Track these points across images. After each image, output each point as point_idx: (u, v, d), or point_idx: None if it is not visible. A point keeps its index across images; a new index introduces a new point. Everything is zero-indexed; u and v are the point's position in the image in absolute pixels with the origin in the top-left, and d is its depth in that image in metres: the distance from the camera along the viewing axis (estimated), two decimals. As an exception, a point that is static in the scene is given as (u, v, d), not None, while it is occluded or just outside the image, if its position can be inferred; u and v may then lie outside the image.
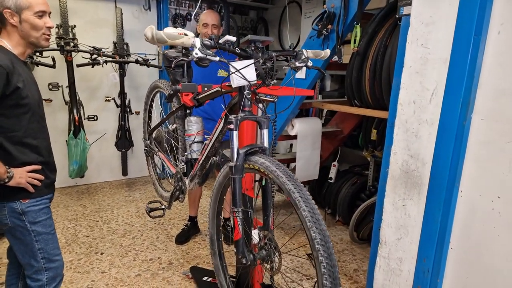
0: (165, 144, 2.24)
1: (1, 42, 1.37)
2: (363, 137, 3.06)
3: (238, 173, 1.32)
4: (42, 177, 1.44)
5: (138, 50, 3.87)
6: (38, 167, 1.43)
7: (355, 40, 2.16)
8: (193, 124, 1.86)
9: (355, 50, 2.21)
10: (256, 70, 1.31)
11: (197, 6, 3.95)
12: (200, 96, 1.78)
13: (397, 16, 1.59)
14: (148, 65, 3.59)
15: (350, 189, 3.07)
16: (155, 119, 2.53)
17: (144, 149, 2.53)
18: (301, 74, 2.51)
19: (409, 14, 1.45)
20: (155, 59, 4.01)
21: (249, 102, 1.36)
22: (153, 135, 2.43)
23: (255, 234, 1.37)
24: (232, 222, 1.40)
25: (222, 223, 1.79)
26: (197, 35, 2.79)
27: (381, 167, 1.68)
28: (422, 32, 1.38)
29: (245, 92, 1.34)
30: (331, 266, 1.06)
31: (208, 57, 1.22)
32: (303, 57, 1.45)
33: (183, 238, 2.81)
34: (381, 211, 1.60)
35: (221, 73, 2.59)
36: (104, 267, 2.42)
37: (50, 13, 1.42)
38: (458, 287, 1.38)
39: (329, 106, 2.73)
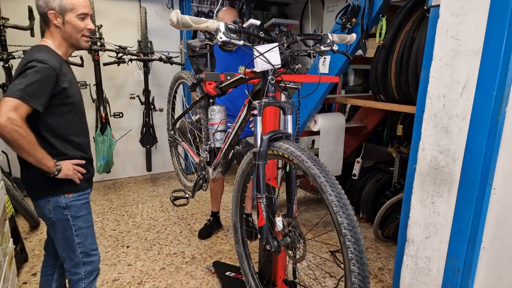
0: (189, 135, 2.27)
1: (45, 42, 1.42)
2: (388, 132, 2.99)
3: (262, 159, 1.30)
4: (84, 171, 1.50)
5: (162, 48, 3.94)
6: (82, 161, 1.48)
7: (380, 33, 2.11)
8: (216, 113, 1.88)
9: (381, 44, 2.16)
10: (280, 53, 1.29)
11: (219, 3, 3.97)
12: (223, 85, 1.79)
13: (425, 8, 1.53)
14: (172, 63, 3.65)
15: (374, 186, 3.00)
16: (179, 110, 2.57)
17: (168, 140, 2.57)
18: (324, 69, 2.48)
19: (438, 5, 1.39)
20: (178, 56, 4.06)
21: (273, 88, 1.34)
22: (177, 126, 2.47)
23: (279, 221, 1.36)
24: (256, 210, 1.39)
25: (244, 218, 1.80)
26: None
27: (408, 163, 1.64)
28: (452, 23, 1.32)
29: (269, 78, 1.32)
30: (359, 251, 1.04)
31: (233, 41, 1.21)
32: (329, 41, 1.41)
33: (205, 233, 2.85)
34: (408, 209, 1.56)
35: (242, 69, 2.62)
36: (130, 260, 2.49)
37: (91, 15, 1.47)
38: (491, 288, 1.33)
39: (353, 101, 2.68)
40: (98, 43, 3.34)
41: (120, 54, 3.38)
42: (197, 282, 2.26)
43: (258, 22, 1.28)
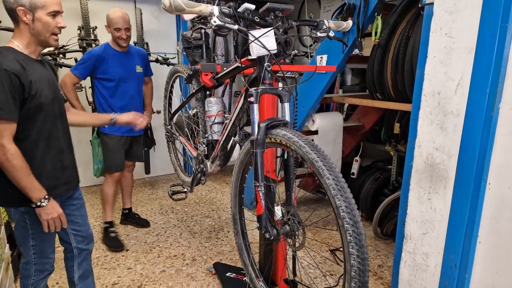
0: (186, 129, 2.27)
1: (11, 44, 1.38)
2: (385, 131, 3.00)
3: (260, 147, 1.28)
4: (66, 225, 1.47)
5: (158, 49, 3.95)
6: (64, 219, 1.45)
7: (376, 32, 2.13)
8: (213, 105, 1.87)
9: (377, 42, 2.17)
10: (276, 39, 1.26)
11: (215, 3, 3.98)
12: (219, 75, 1.77)
13: (419, 6, 1.55)
14: (168, 64, 3.65)
15: (373, 185, 3.02)
16: (176, 105, 2.55)
17: (166, 135, 2.57)
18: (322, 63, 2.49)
19: (432, 3, 1.40)
20: (174, 57, 4.07)
21: (269, 75, 1.31)
22: (174, 120, 2.46)
23: (277, 210, 1.35)
24: (254, 196, 1.38)
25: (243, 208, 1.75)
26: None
27: (405, 160, 1.65)
28: (446, 20, 1.34)
29: (265, 64, 1.28)
30: (358, 234, 1.03)
31: (227, 25, 1.19)
32: (325, 27, 1.38)
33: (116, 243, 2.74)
34: (405, 206, 1.57)
35: (139, 69, 2.71)
36: (129, 264, 2.49)
37: (62, 13, 1.42)
38: (487, 282, 1.34)
39: (350, 100, 2.70)
40: (93, 45, 3.34)
41: (115, 56, 3.38)
42: (198, 284, 2.26)
43: (253, 7, 1.25)
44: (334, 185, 1.06)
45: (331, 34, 1.41)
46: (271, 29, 1.25)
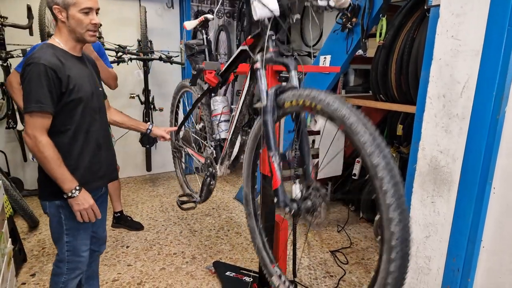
0: (193, 144, 2.25)
1: (52, 40, 1.43)
2: (388, 132, 2.99)
3: (270, 114, 1.18)
4: (99, 215, 1.50)
5: (162, 47, 3.95)
6: (97, 209, 1.48)
7: (380, 33, 2.11)
8: (219, 103, 1.86)
9: (381, 43, 2.16)
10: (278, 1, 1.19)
11: (219, 3, 3.97)
12: (224, 69, 1.75)
13: (425, 7, 1.53)
14: (172, 62, 3.65)
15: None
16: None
17: (172, 151, 2.53)
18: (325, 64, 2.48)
19: (438, 5, 1.39)
20: (178, 56, 4.06)
21: (274, 43, 1.24)
22: (181, 135, 2.44)
23: (295, 188, 1.21)
24: (269, 167, 1.19)
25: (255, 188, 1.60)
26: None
27: (408, 163, 1.64)
28: (452, 23, 1.33)
29: (268, 32, 1.22)
30: (399, 195, 0.87)
31: None
32: None
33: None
34: (408, 209, 1.56)
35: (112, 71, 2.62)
36: (129, 260, 2.49)
37: (98, 9, 1.45)
38: (490, 287, 1.33)
39: (353, 101, 2.68)
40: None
41: (119, 54, 3.38)
42: (197, 282, 2.26)
43: None
44: (369, 142, 0.90)
45: (332, 3, 1.28)
46: None
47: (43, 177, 1.41)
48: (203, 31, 1.98)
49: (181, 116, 2.53)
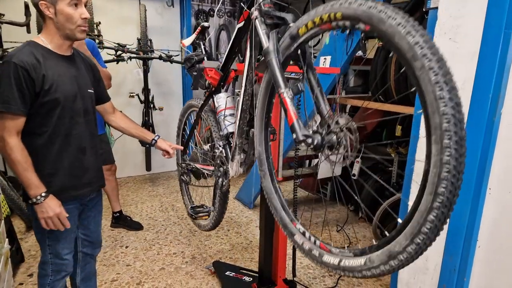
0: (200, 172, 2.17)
1: (37, 38, 1.36)
2: (387, 133, 3.01)
3: (274, 54, 1.10)
4: (68, 225, 1.41)
5: (162, 46, 3.96)
6: (66, 216, 1.40)
7: (379, 35, 2.13)
8: (222, 98, 1.83)
9: (380, 45, 2.17)
10: None
11: (220, 1, 3.98)
12: (223, 62, 1.74)
13: (424, 10, 1.55)
14: (172, 61, 3.66)
15: (374, 186, 3.03)
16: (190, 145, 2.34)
17: (180, 178, 2.38)
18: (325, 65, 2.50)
19: (436, 8, 1.41)
20: (178, 55, 4.07)
21: None
22: (188, 158, 2.32)
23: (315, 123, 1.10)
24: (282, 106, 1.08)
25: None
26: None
27: (407, 163, 1.66)
28: (450, 25, 1.35)
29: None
30: (460, 137, 0.68)
31: None
32: None
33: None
34: (406, 208, 1.58)
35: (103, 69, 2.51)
36: (128, 260, 2.50)
37: (86, 2, 1.37)
38: (485, 286, 1.35)
39: (352, 102, 2.70)
40: (97, 41, 3.35)
41: (119, 52, 3.39)
42: (197, 282, 2.28)
43: None
44: (402, 23, 0.75)
45: None
46: None
47: None
48: (201, 42, 1.99)
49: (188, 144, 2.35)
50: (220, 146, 1.87)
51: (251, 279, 2.14)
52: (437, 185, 0.69)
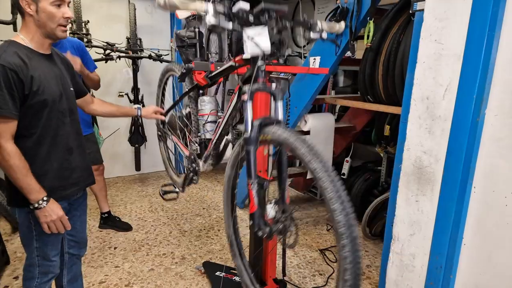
0: (178, 130, 2.25)
1: (16, 37, 1.32)
2: (375, 132, 3.04)
3: (253, 144, 1.28)
4: (69, 227, 1.42)
5: (151, 45, 3.93)
6: (66, 219, 1.41)
7: (368, 36, 2.15)
8: (206, 104, 1.87)
9: (368, 46, 2.20)
10: (270, 39, 1.25)
11: (210, 1, 3.97)
12: (213, 74, 1.78)
13: (410, 12, 1.57)
14: (161, 61, 3.64)
15: (363, 185, 3.06)
16: (169, 104, 2.47)
17: (157, 134, 2.55)
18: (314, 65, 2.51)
19: (422, 10, 1.43)
20: (168, 54, 4.05)
21: (263, 74, 1.31)
22: (167, 120, 2.43)
23: (270, 208, 1.33)
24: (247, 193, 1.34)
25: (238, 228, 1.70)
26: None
27: (394, 163, 1.68)
28: (435, 27, 1.37)
29: (258, 63, 1.28)
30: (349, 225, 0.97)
31: (221, 24, 1.19)
32: (318, 28, 1.38)
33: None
34: (394, 207, 1.60)
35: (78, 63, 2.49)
36: (117, 262, 2.48)
37: (69, 2, 1.36)
38: (471, 284, 1.37)
39: (342, 102, 2.73)
40: (85, 39, 3.30)
41: (108, 51, 3.35)
42: (187, 282, 2.27)
43: (247, 6, 1.25)
44: (330, 187, 1.02)
45: (324, 35, 1.41)
46: (265, 28, 1.25)
47: (11, 184, 1.32)
48: (195, 26, 1.98)
49: (167, 103, 2.56)
50: (196, 142, 1.93)
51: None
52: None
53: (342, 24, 1.49)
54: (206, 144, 1.92)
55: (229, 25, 1.22)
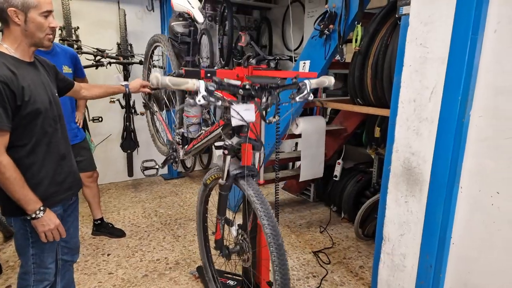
0: (162, 102, 2.29)
1: (0, 47, 1.31)
2: (366, 134, 3.08)
3: (226, 191, 1.52)
4: (64, 235, 1.43)
5: (142, 51, 3.90)
6: (63, 231, 1.43)
7: (356, 39, 2.18)
8: (192, 107, 1.93)
9: (357, 50, 2.23)
10: (256, 111, 1.38)
11: (200, 6, 3.99)
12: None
13: (396, 16, 1.61)
14: (153, 66, 3.63)
15: (355, 187, 3.09)
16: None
17: (142, 103, 2.61)
18: (304, 69, 2.53)
19: (408, 14, 1.46)
20: (159, 60, 4.04)
21: (246, 129, 1.42)
22: (152, 92, 2.44)
23: (233, 230, 1.59)
24: (215, 227, 1.67)
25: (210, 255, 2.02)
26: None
27: (384, 164, 1.70)
28: (421, 31, 1.40)
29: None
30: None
31: (211, 103, 1.27)
32: (305, 92, 1.44)
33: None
34: (384, 208, 1.63)
35: (67, 69, 2.55)
36: (111, 268, 2.46)
37: (52, 11, 1.37)
38: (460, 282, 1.40)
39: (332, 105, 2.75)
40: (75, 46, 3.29)
41: (98, 57, 3.34)
42: (181, 287, 2.26)
43: (238, 83, 1.32)
44: (270, 233, 1.34)
45: (310, 98, 1.47)
46: (251, 105, 1.36)
47: (5, 194, 1.31)
48: (190, 24, 2.02)
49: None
50: (179, 134, 2.06)
51: (235, 282, 2.14)
52: None
53: (332, 79, 1.56)
54: (188, 140, 1.98)
55: (219, 103, 1.28)
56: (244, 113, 1.33)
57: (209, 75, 1.33)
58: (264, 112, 1.44)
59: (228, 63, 3.77)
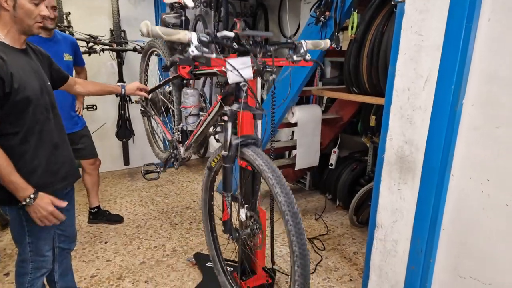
0: (161, 105, 2.27)
1: None
2: (362, 123, 3.09)
3: (230, 162, 1.41)
4: (63, 218, 1.42)
5: (136, 37, 3.86)
6: (64, 203, 1.41)
7: (352, 27, 2.17)
8: (190, 97, 1.88)
9: (353, 37, 2.22)
10: (253, 67, 1.31)
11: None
12: (197, 72, 1.79)
13: (392, 3, 1.60)
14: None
15: (350, 175, 3.12)
16: (153, 83, 2.49)
17: (140, 110, 2.59)
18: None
19: (404, 1, 1.46)
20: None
21: (245, 94, 1.37)
22: (149, 97, 2.43)
23: (242, 212, 1.48)
24: (222, 205, 1.52)
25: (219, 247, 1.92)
26: None
27: (378, 152, 1.72)
28: (416, 19, 1.40)
29: (241, 84, 1.34)
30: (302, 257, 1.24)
31: (204, 54, 1.22)
32: (302, 50, 1.43)
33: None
34: (377, 195, 1.65)
35: (68, 57, 2.55)
36: (108, 256, 2.49)
37: (45, 0, 1.35)
38: (450, 266, 1.44)
39: (327, 93, 2.75)
40: (67, 32, 3.24)
41: (91, 44, 3.29)
42: (178, 274, 2.30)
43: (232, 34, 1.28)
44: (284, 201, 1.25)
45: (308, 57, 1.46)
46: (248, 58, 1.30)
47: None
48: (181, 13, 1.99)
49: (150, 79, 2.59)
50: (178, 130, 2.02)
51: (232, 269, 2.17)
52: None
53: (327, 41, 1.55)
54: (187, 134, 1.95)
55: (213, 55, 1.24)
56: (240, 67, 1.27)
57: (203, 62, 1.29)
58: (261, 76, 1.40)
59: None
